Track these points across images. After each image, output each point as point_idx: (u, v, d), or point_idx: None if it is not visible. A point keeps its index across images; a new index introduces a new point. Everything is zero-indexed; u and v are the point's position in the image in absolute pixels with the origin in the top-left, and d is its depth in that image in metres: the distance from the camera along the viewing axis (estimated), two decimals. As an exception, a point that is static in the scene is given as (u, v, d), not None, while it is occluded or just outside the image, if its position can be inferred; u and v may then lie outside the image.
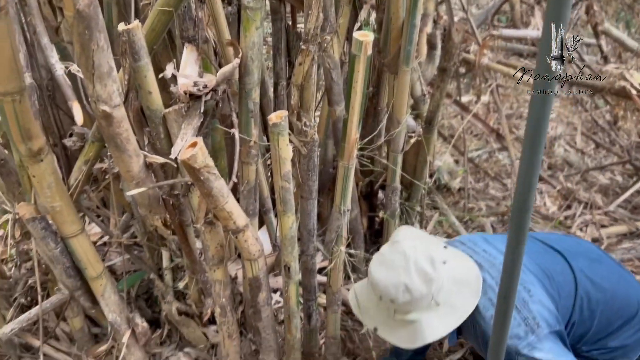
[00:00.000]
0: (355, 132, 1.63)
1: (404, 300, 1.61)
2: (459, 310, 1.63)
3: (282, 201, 1.66)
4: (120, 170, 1.58)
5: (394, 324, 1.68)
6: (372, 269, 1.71)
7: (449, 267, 1.66)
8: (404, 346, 1.74)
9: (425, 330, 1.62)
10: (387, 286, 1.63)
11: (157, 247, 2.11)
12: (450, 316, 1.63)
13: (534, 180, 1.00)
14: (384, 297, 1.65)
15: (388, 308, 1.66)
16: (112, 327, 2.04)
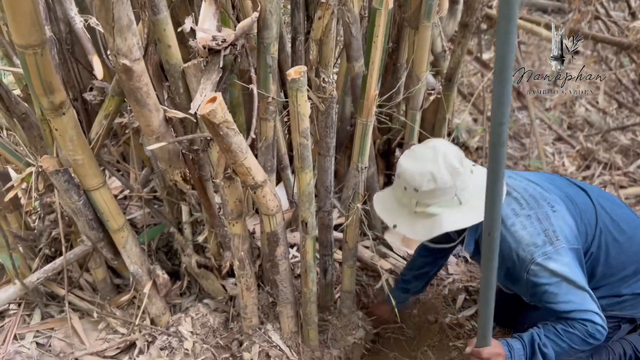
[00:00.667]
0: (374, 88, 1.62)
1: (427, 188, 1.62)
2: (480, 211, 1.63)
3: (300, 158, 1.66)
4: (140, 124, 1.59)
5: (414, 219, 1.70)
6: (401, 160, 1.72)
7: (475, 176, 1.69)
8: (421, 238, 1.75)
9: (444, 222, 1.65)
10: (414, 174, 1.63)
11: (176, 201, 2.15)
12: (471, 213, 1.65)
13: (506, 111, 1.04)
14: (409, 186, 1.66)
15: (410, 200, 1.67)
16: (133, 278, 2.11)
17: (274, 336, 2.09)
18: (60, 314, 2.31)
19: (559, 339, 1.63)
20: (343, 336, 2.15)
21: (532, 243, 1.63)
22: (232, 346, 2.16)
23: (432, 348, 2.20)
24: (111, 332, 2.26)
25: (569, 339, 1.62)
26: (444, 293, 2.37)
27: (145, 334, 2.20)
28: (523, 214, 1.68)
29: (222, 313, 2.29)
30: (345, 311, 2.15)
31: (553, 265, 1.61)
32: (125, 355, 2.15)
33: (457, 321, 2.21)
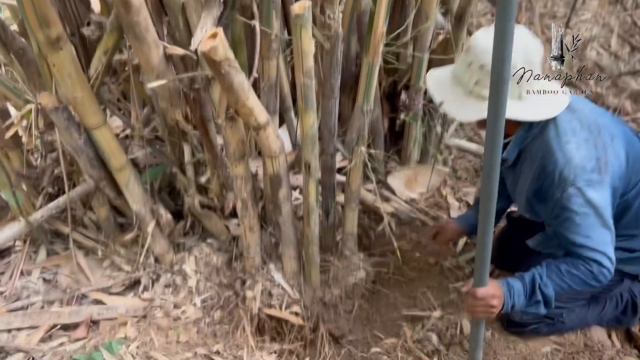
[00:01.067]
0: (382, 25, 1.56)
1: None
2: (536, 111, 1.60)
3: (303, 99, 1.62)
4: (140, 61, 1.55)
5: (465, 99, 1.64)
6: (477, 33, 1.65)
7: (543, 82, 1.61)
8: (462, 119, 1.77)
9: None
10: (486, 49, 1.50)
11: (178, 141, 2.12)
12: (526, 109, 1.59)
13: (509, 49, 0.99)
14: (476, 61, 1.59)
15: (471, 77, 1.61)
16: (136, 217, 2.12)
17: (276, 275, 2.12)
18: (65, 251, 2.35)
19: (561, 279, 1.63)
20: (344, 277, 2.18)
21: (580, 166, 1.57)
22: (235, 285, 2.20)
23: (431, 289, 2.23)
24: (116, 269, 2.30)
25: (571, 279, 1.62)
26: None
27: (150, 271, 2.23)
28: (581, 136, 1.62)
29: (226, 253, 2.32)
30: (347, 253, 2.17)
31: (592, 194, 1.56)
32: (131, 292, 2.19)
33: (457, 264, 2.24)
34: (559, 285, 1.63)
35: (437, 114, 2.54)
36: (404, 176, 2.63)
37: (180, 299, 2.12)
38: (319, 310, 2.14)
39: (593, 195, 1.56)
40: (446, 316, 2.04)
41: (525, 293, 1.66)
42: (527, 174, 1.74)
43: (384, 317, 2.31)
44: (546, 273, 1.65)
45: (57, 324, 1.99)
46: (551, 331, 1.88)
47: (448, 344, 1.93)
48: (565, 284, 1.63)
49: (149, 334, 1.88)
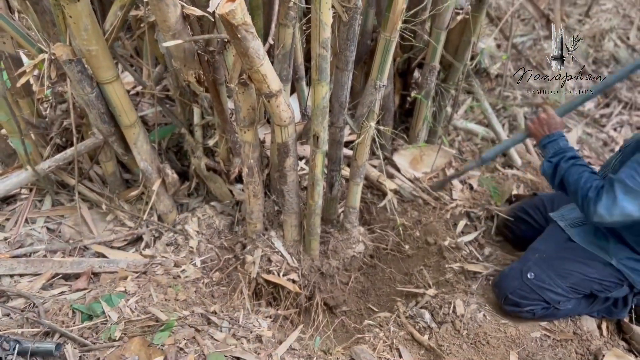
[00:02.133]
0: (403, 1, 1.54)
1: None
2: None
3: (317, 69, 1.62)
4: (156, 19, 1.54)
5: None
6: None
7: None
8: None
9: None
10: None
11: (189, 102, 2.13)
12: None
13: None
14: None
15: None
16: (143, 175, 2.14)
17: (276, 242, 2.15)
18: (70, 202, 2.37)
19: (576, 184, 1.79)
20: (343, 249, 2.21)
21: None
22: (235, 248, 2.24)
23: (427, 268, 2.26)
24: (119, 224, 2.33)
25: (575, 191, 1.79)
26: (446, 217, 2.40)
27: (152, 229, 2.27)
28: None
29: (228, 216, 2.34)
30: (348, 226, 2.20)
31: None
32: (132, 248, 2.23)
33: (456, 245, 2.26)
34: (570, 174, 1.83)
35: (449, 95, 2.53)
36: (410, 154, 2.63)
37: (181, 258, 2.15)
38: (316, 279, 2.17)
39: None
40: (440, 295, 2.08)
41: (556, 150, 1.92)
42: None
43: (378, 291, 2.35)
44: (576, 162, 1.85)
45: (58, 274, 2.03)
46: (545, 315, 1.93)
47: (440, 322, 1.97)
48: (571, 179, 1.82)
49: (148, 290, 1.91)
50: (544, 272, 1.89)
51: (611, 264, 1.84)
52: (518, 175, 2.67)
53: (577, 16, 4.61)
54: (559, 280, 1.87)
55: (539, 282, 1.88)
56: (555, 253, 1.93)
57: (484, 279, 2.13)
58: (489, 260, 2.23)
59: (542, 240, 2.03)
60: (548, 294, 1.87)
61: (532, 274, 1.90)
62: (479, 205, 2.49)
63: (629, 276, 1.83)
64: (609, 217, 1.68)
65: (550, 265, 1.90)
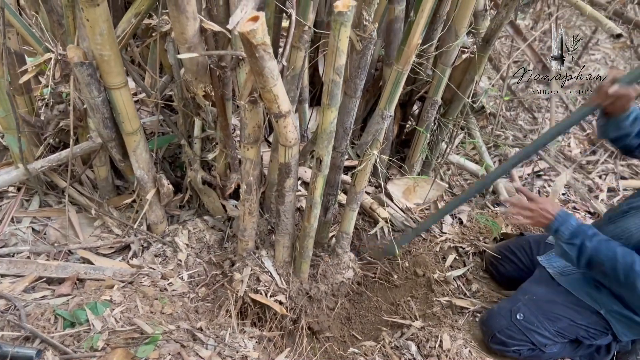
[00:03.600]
0: (418, 36, 1.57)
1: None
2: None
3: (328, 94, 1.63)
4: (174, 31, 1.54)
5: None
6: None
7: None
8: None
9: None
10: None
11: (191, 114, 2.12)
12: None
13: None
14: None
15: None
16: (138, 183, 2.11)
17: (266, 262, 2.14)
18: (58, 204, 2.33)
19: (606, 251, 1.69)
20: (333, 274, 2.20)
21: None
22: (224, 265, 2.21)
23: (415, 299, 2.27)
24: (106, 231, 2.29)
25: (612, 268, 1.67)
26: (435, 250, 2.42)
27: (141, 238, 2.23)
28: None
29: (219, 232, 2.32)
30: (339, 251, 2.19)
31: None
32: (119, 256, 2.19)
33: (444, 278, 2.27)
34: (600, 251, 1.70)
35: (447, 129, 2.57)
36: (404, 184, 2.65)
37: (168, 270, 2.12)
38: (303, 302, 2.16)
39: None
40: (427, 328, 2.08)
41: (573, 231, 1.74)
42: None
43: (363, 319, 2.34)
44: (600, 238, 1.72)
45: (42, 277, 1.98)
46: (530, 356, 1.94)
47: (426, 355, 1.96)
48: (603, 256, 1.69)
49: (134, 301, 1.87)
50: (533, 314, 1.91)
51: (599, 312, 1.86)
52: (507, 214, 2.71)
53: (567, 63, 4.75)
54: (547, 324, 1.89)
55: (527, 324, 1.90)
56: (545, 296, 1.95)
57: (471, 314, 2.14)
58: (476, 297, 2.24)
59: (533, 281, 2.05)
60: (535, 336, 1.89)
61: (522, 315, 1.91)
62: (468, 241, 2.51)
63: (614, 326, 1.86)
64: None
65: (539, 308, 1.92)
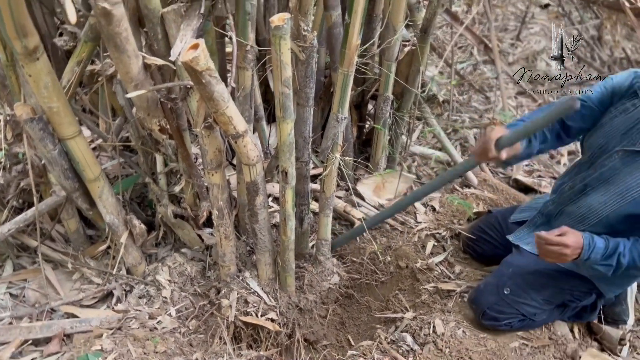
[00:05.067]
0: (356, 37, 1.62)
1: None
2: None
3: (281, 107, 1.66)
4: (119, 71, 1.55)
5: None
6: None
7: None
8: None
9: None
10: None
11: (151, 151, 2.12)
12: None
13: None
14: None
15: None
16: (109, 228, 2.10)
17: (251, 283, 2.14)
18: (32, 265, 2.29)
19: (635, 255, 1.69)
20: (319, 282, 2.22)
21: None
22: (210, 293, 2.21)
23: (403, 292, 2.30)
24: (86, 282, 2.27)
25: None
26: (414, 240, 2.46)
27: (122, 283, 2.21)
28: None
29: (199, 262, 2.32)
30: (321, 258, 2.22)
31: None
32: (103, 304, 2.16)
33: (427, 266, 2.31)
34: (634, 259, 1.69)
35: (404, 122, 2.63)
36: (373, 183, 2.70)
37: (155, 309, 2.11)
38: (295, 315, 2.17)
39: None
40: (419, 317, 2.11)
41: (603, 254, 1.70)
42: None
43: (357, 321, 2.36)
44: (629, 246, 1.70)
45: (27, 340, 1.94)
46: (522, 327, 1.99)
47: (422, 343, 1.99)
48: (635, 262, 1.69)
49: (125, 345, 1.86)
50: (519, 287, 1.95)
51: (581, 274, 1.92)
52: (476, 194, 2.78)
53: (509, 40, 4.90)
54: (534, 294, 1.94)
55: (515, 297, 1.94)
56: (528, 267, 1.98)
57: (458, 296, 2.18)
58: (460, 278, 2.28)
59: (515, 253, 2.09)
60: (524, 307, 1.93)
61: (508, 289, 1.95)
62: (443, 226, 2.56)
63: (599, 285, 1.92)
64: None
65: (524, 280, 1.96)
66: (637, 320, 2.15)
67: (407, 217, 2.61)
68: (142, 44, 1.70)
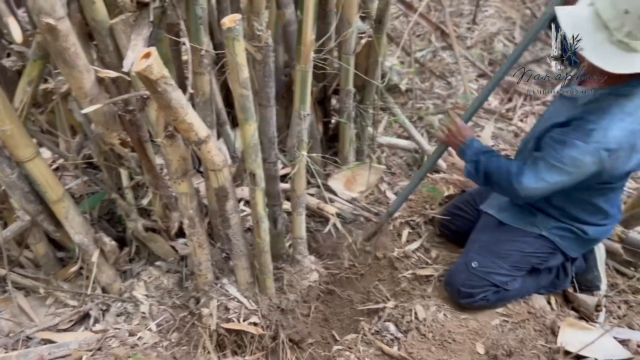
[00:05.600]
0: (311, 33, 1.62)
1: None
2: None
3: (242, 109, 1.65)
4: (72, 87, 1.52)
5: (607, 47, 1.59)
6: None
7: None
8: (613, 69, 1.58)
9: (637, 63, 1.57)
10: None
11: (115, 166, 2.08)
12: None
13: None
14: (635, 10, 1.51)
15: (622, 26, 1.55)
16: (79, 249, 2.05)
17: (230, 289, 2.12)
18: (3, 294, 2.23)
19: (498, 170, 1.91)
20: (298, 281, 2.21)
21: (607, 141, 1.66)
22: (189, 304, 2.18)
23: (382, 282, 2.31)
24: (61, 305, 2.22)
25: (499, 176, 1.90)
26: (390, 230, 2.47)
27: (99, 303, 2.17)
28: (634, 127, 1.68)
29: (175, 273, 2.29)
30: (299, 257, 2.21)
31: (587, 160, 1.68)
32: (81, 326, 2.12)
33: (404, 254, 2.33)
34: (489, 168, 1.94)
35: (368, 114, 2.64)
36: (343, 177, 2.70)
37: (135, 325, 2.07)
38: (277, 317, 2.15)
39: (587, 164, 1.69)
40: (400, 305, 2.12)
41: (474, 152, 2.01)
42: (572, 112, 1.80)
43: (340, 316, 2.36)
44: (492, 155, 1.99)
45: (5, 371, 1.89)
46: (498, 299, 2.02)
47: (405, 330, 2.00)
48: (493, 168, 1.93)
49: (107, 366, 1.83)
50: (486, 259, 2.02)
51: (542, 235, 2.00)
52: (446, 178, 2.81)
53: (465, 25, 4.96)
54: (501, 262, 2.01)
55: (484, 268, 2.01)
56: (491, 238, 2.08)
57: (437, 280, 2.21)
58: (437, 262, 2.31)
59: (478, 230, 2.16)
60: (495, 277, 1.99)
61: (476, 263, 2.02)
62: (417, 212, 2.58)
63: (559, 244, 2.00)
64: (534, 189, 1.81)
65: (489, 251, 2.04)
66: (610, 285, 2.20)
67: (381, 208, 2.62)
68: (94, 58, 1.67)
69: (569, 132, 1.73)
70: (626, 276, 2.25)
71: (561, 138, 1.74)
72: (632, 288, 2.19)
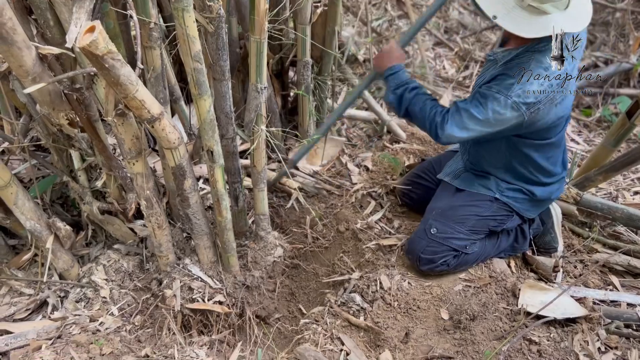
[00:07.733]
0: (264, 2, 1.56)
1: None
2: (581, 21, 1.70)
3: (195, 84, 1.59)
4: (11, 66, 1.42)
5: (519, 13, 1.68)
6: None
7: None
8: (526, 34, 1.69)
9: (556, 24, 1.66)
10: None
11: (65, 147, 1.99)
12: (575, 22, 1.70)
13: None
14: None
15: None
16: (31, 235, 1.97)
17: (193, 269, 2.09)
18: (-48, 287, 2.13)
19: (422, 113, 1.94)
20: (263, 257, 2.20)
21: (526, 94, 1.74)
22: (151, 286, 2.13)
23: (347, 254, 2.32)
24: (16, 295, 2.14)
25: (422, 120, 1.95)
26: (352, 201, 2.47)
27: (56, 289, 2.10)
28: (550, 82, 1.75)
29: (135, 256, 2.23)
30: (262, 233, 2.19)
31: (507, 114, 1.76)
32: (38, 315, 2.05)
33: (367, 225, 2.33)
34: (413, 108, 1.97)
35: (326, 86, 2.60)
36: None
37: (95, 311, 2.02)
38: (243, 294, 2.14)
39: (507, 117, 1.77)
40: (365, 275, 2.14)
41: (399, 83, 2.02)
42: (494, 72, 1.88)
43: (306, 290, 2.36)
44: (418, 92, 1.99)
45: (-41, 366, 1.82)
46: (458, 263, 2.06)
47: (371, 300, 2.02)
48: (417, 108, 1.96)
49: (68, 353, 1.77)
50: (444, 224, 2.07)
51: (496, 197, 2.06)
52: (406, 148, 2.82)
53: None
54: (459, 227, 2.06)
55: (442, 234, 2.05)
56: (448, 205, 2.12)
57: (400, 249, 2.23)
58: (400, 232, 2.33)
59: (435, 199, 2.20)
60: (453, 242, 2.04)
61: (435, 229, 2.06)
62: (378, 183, 2.59)
63: (513, 205, 2.07)
64: (457, 138, 1.87)
65: (447, 217, 2.08)
66: (566, 246, 2.27)
67: (343, 180, 2.61)
68: (34, 33, 1.57)
69: (492, 86, 1.81)
70: (581, 237, 2.33)
71: (484, 92, 1.81)
72: (587, 248, 2.26)
